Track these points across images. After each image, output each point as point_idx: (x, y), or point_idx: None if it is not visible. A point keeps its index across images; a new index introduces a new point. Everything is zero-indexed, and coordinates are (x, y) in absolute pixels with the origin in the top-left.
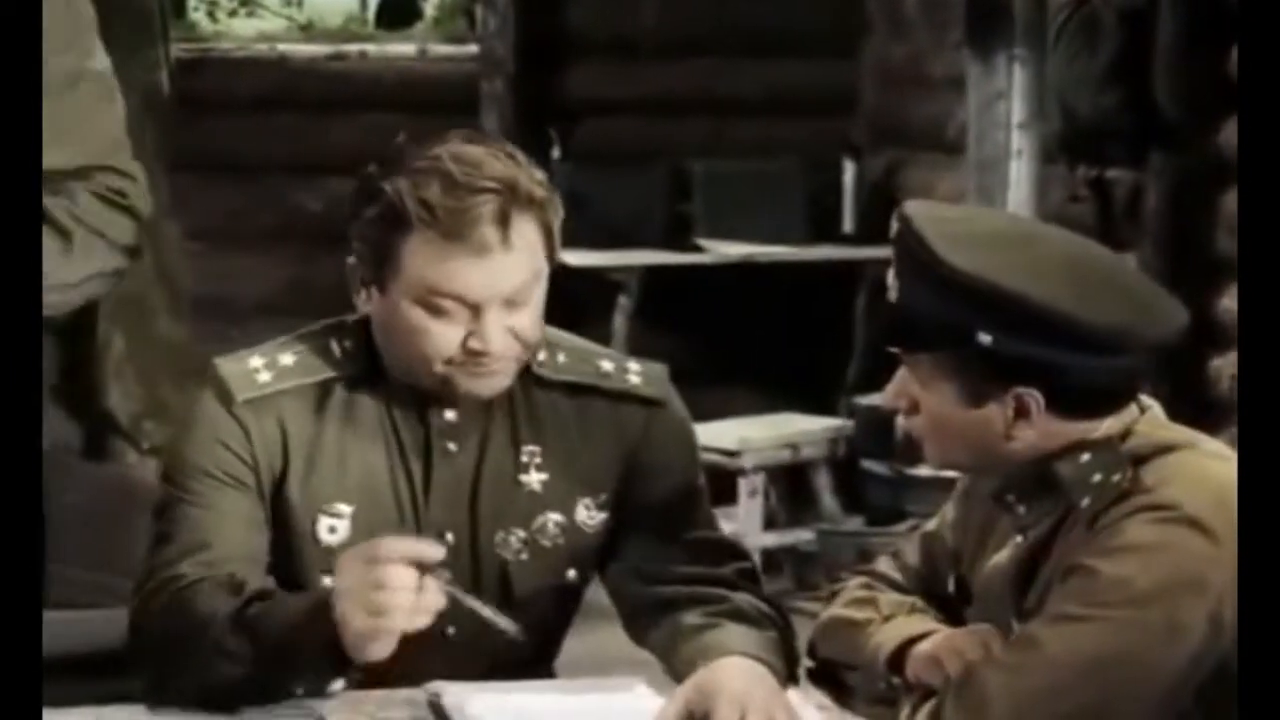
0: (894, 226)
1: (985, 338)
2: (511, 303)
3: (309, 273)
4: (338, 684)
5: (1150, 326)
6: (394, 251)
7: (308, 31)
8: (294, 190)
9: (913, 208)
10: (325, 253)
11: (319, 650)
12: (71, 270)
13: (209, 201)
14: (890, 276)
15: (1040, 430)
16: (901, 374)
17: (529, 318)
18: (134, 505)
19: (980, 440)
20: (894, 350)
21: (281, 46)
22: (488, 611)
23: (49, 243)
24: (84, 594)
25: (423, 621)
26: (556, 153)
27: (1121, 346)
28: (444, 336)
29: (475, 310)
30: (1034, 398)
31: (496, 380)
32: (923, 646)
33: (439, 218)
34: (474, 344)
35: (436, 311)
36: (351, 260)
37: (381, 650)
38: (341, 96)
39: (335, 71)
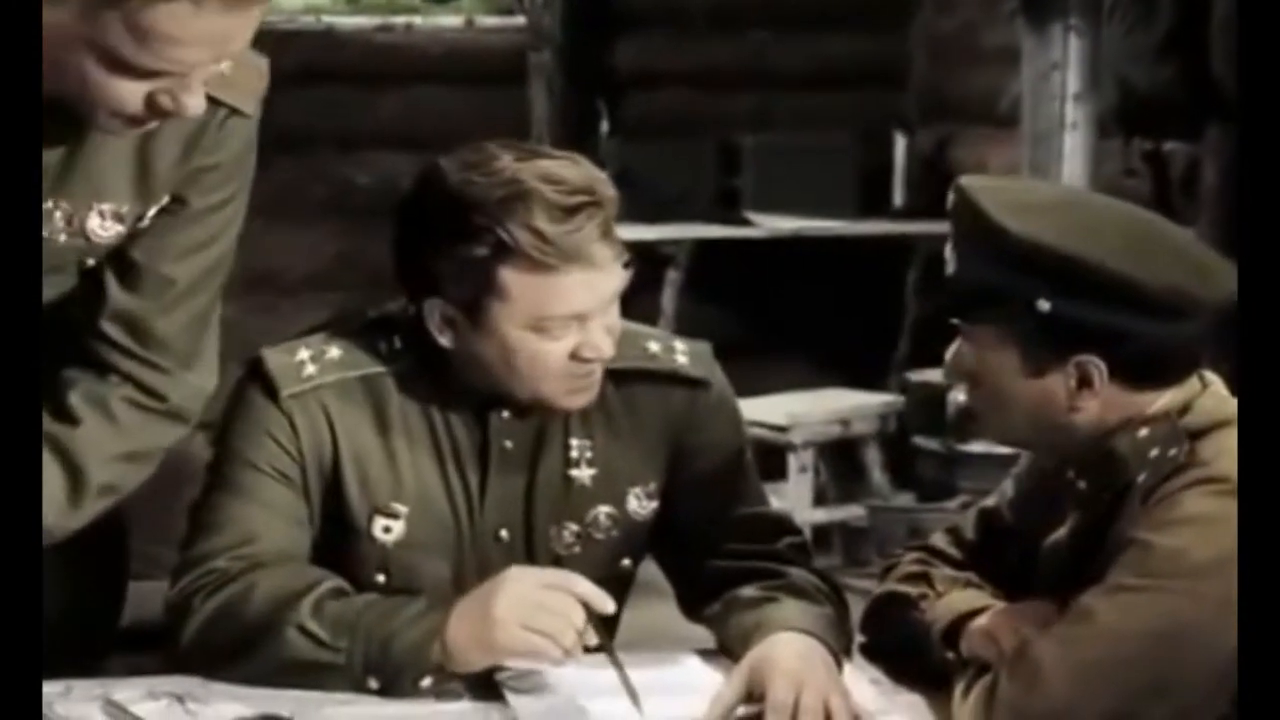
0: (950, 199)
1: (1044, 304)
2: (610, 304)
3: (357, 246)
4: (425, 682)
5: (1209, 289)
6: (498, 283)
7: (354, 3)
8: (342, 164)
9: (968, 180)
10: (373, 226)
11: (420, 654)
12: (77, 518)
13: (256, 175)
14: (947, 249)
15: (1103, 401)
16: (961, 348)
17: (616, 312)
18: (184, 479)
19: (1043, 412)
20: (954, 322)
21: (328, 18)
22: (628, 681)
23: (52, 477)
24: (134, 566)
25: (566, 658)
26: (605, 126)
27: (1180, 309)
28: (555, 354)
29: (582, 320)
30: (1096, 366)
31: (594, 391)
32: (979, 622)
33: (552, 242)
34: (587, 353)
35: (545, 332)
36: (434, 301)
37: (485, 663)
38: (388, 69)
39: (382, 44)
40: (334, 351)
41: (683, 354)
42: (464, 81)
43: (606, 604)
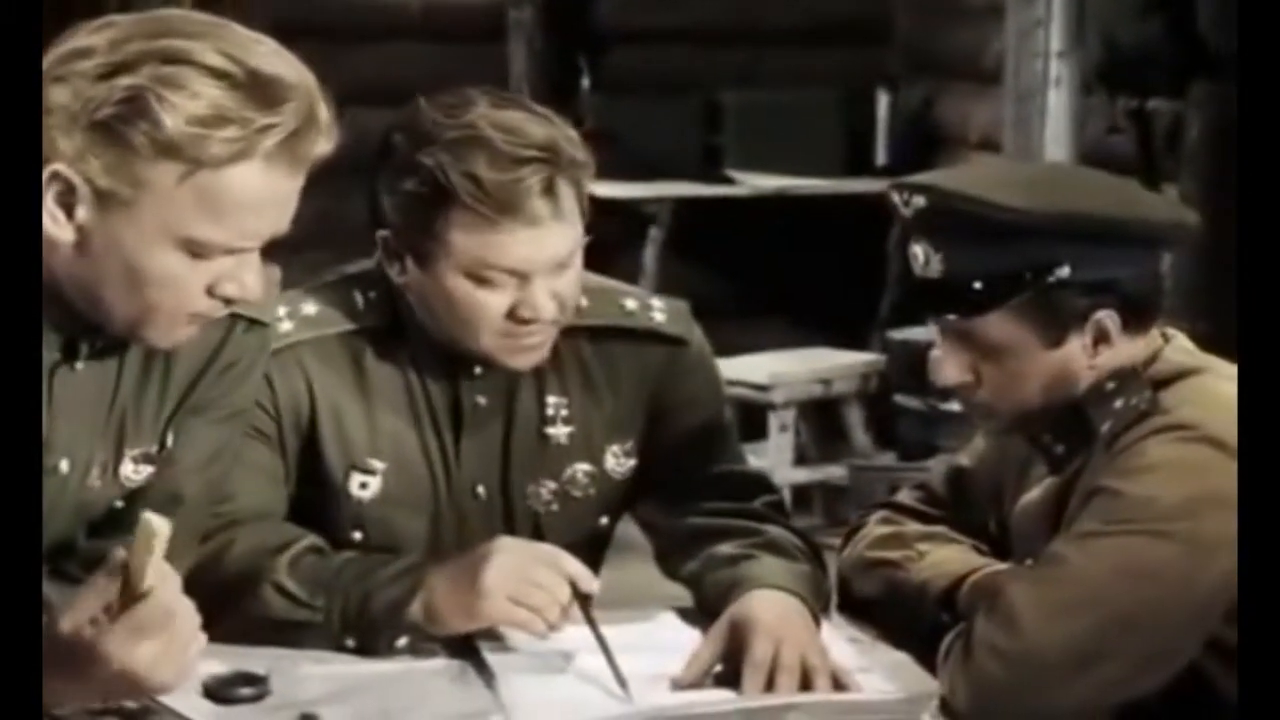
0: (916, 204)
1: (1063, 270)
2: (558, 268)
3: (337, 206)
4: (401, 642)
5: (1190, 215)
6: (437, 226)
7: None
8: None
9: (929, 180)
10: (353, 186)
11: (398, 614)
12: None
13: None
14: (920, 254)
15: (1115, 349)
16: (955, 353)
17: (570, 280)
18: None
19: (1060, 379)
20: (955, 320)
21: None
22: (613, 659)
23: None
24: None
25: (548, 633)
26: (585, 82)
27: (1180, 237)
28: (492, 306)
29: (524, 278)
30: (1111, 319)
31: (538, 354)
32: (976, 578)
33: (488, 192)
34: (524, 312)
35: (484, 282)
36: (384, 233)
37: (466, 629)
38: (367, 25)
39: None
40: (309, 308)
41: (660, 312)
42: (443, 37)
43: (592, 583)
